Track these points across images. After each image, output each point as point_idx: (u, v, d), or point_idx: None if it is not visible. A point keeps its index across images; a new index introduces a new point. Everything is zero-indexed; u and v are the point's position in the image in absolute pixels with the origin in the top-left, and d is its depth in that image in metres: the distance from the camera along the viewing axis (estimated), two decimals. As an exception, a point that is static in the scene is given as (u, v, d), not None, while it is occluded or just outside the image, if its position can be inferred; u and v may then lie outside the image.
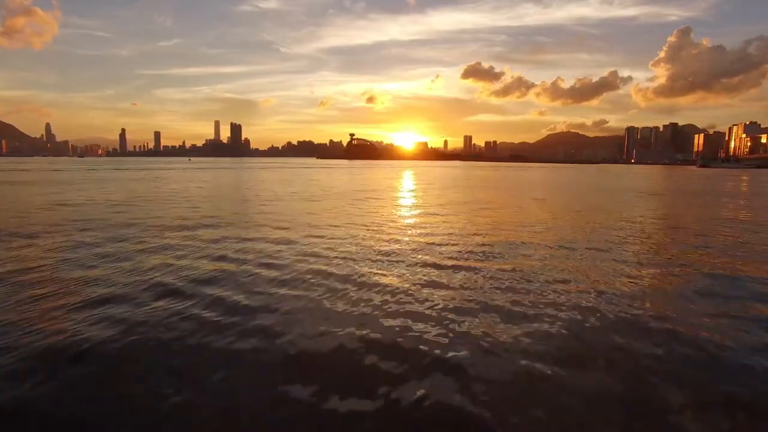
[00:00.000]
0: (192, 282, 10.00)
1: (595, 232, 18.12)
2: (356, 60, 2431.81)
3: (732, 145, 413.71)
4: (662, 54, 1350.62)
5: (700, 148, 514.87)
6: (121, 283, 9.83)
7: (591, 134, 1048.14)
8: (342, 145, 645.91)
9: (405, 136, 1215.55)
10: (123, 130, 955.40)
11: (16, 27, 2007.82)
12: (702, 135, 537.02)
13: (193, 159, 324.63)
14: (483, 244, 14.92)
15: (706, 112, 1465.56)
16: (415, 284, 10.02)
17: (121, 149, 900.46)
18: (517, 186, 52.50)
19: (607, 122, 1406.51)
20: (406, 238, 16.00)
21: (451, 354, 6.44)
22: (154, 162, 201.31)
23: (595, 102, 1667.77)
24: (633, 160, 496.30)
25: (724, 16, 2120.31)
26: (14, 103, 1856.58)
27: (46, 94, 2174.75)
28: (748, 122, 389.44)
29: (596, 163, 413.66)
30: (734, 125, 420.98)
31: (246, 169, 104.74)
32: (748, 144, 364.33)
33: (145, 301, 8.63)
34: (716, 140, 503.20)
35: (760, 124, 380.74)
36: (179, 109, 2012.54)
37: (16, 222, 18.75)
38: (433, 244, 14.98)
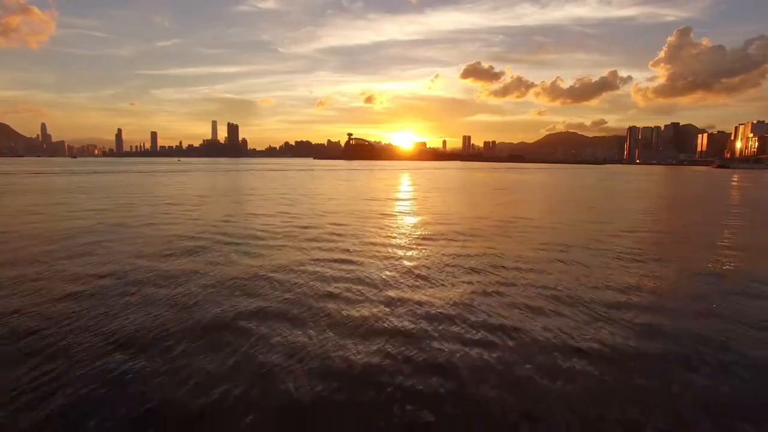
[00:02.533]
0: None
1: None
2: (355, 60, 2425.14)
3: (738, 145, 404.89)
4: (662, 54, 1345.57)
5: (704, 147, 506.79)
6: None
7: (590, 134, 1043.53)
8: (340, 145, 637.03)
9: (403, 136, 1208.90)
10: (119, 130, 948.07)
11: (11, 25, 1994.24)
12: (706, 135, 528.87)
13: (182, 160, 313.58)
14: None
15: (705, 112, 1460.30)
16: None
17: (118, 149, 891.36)
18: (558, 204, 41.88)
19: (606, 122, 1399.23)
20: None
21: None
22: (138, 163, 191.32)
23: (594, 102, 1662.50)
24: (638, 161, 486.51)
25: (721, 17, 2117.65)
26: (10, 103, 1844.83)
27: (43, 94, 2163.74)
28: (755, 121, 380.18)
29: (598, 163, 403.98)
30: (740, 125, 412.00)
31: (227, 172, 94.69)
32: (756, 144, 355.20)
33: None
34: (720, 140, 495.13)
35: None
36: (177, 110, 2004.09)
37: None
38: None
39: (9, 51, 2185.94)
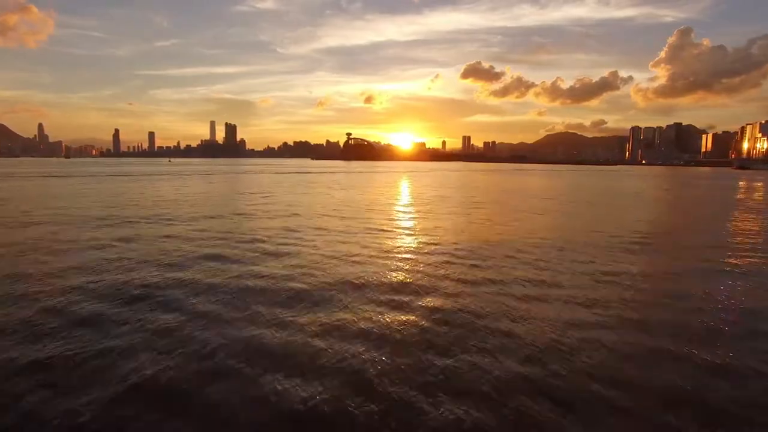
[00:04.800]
0: None
1: None
2: (354, 60, 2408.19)
3: (745, 145, 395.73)
4: (662, 54, 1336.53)
5: (708, 148, 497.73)
6: None
7: (589, 134, 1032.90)
8: (339, 145, 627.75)
9: (403, 137, 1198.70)
10: (116, 130, 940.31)
11: (9, 24, 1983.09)
12: (711, 135, 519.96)
13: (175, 160, 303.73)
14: None
15: (705, 112, 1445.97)
16: None
17: (115, 150, 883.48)
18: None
19: (606, 123, 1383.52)
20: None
21: None
22: (126, 163, 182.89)
23: (594, 102, 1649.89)
24: (643, 162, 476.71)
25: (721, 17, 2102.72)
26: (9, 103, 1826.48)
27: (41, 94, 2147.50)
28: (763, 121, 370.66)
29: (600, 164, 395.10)
30: (747, 125, 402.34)
31: (204, 175, 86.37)
32: (766, 144, 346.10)
33: None
34: (725, 140, 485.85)
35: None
36: (176, 110, 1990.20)
37: None
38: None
39: (7, 50, 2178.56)
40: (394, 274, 12.97)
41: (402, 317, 9.49)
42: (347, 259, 14.82)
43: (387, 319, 9.34)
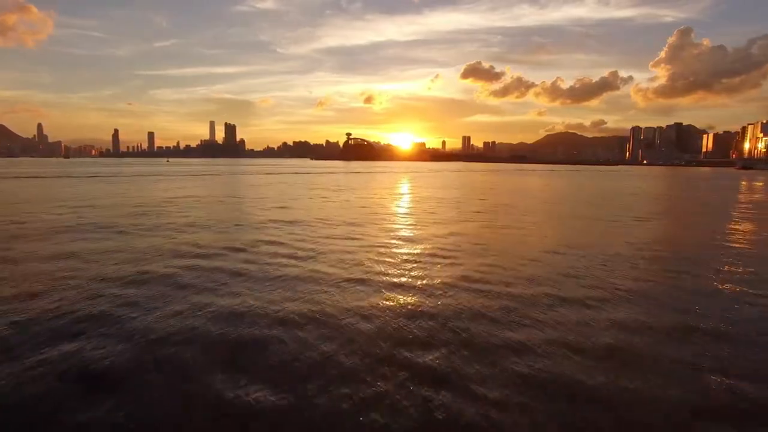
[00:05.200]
0: None
1: None
2: (354, 60, 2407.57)
3: (747, 146, 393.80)
4: (662, 54, 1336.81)
5: (709, 148, 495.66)
6: None
7: (589, 134, 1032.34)
8: (339, 145, 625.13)
9: (403, 137, 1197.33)
10: (116, 130, 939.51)
11: (9, 24, 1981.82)
12: (711, 135, 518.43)
13: (173, 160, 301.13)
14: None
15: (705, 112, 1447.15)
16: None
17: (115, 150, 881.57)
18: None
19: (605, 123, 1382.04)
20: None
21: None
22: (120, 164, 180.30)
23: (594, 102, 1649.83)
24: (645, 162, 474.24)
25: (721, 17, 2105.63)
26: (9, 103, 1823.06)
27: (41, 95, 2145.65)
28: (765, 121, 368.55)
29: (602, 164, 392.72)
30: (749, 124, 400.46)
31: (200, 176, 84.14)
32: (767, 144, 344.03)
33: None
34: (726, 140, 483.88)
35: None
36: (176, 110, 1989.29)
37: None
38: None
39: (7, 50, 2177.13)
40: (413, 310, 10.49)
41: (431, 395, 7.04)
42: (351, 285, 12.33)
43: (408, 395, 6.90)
